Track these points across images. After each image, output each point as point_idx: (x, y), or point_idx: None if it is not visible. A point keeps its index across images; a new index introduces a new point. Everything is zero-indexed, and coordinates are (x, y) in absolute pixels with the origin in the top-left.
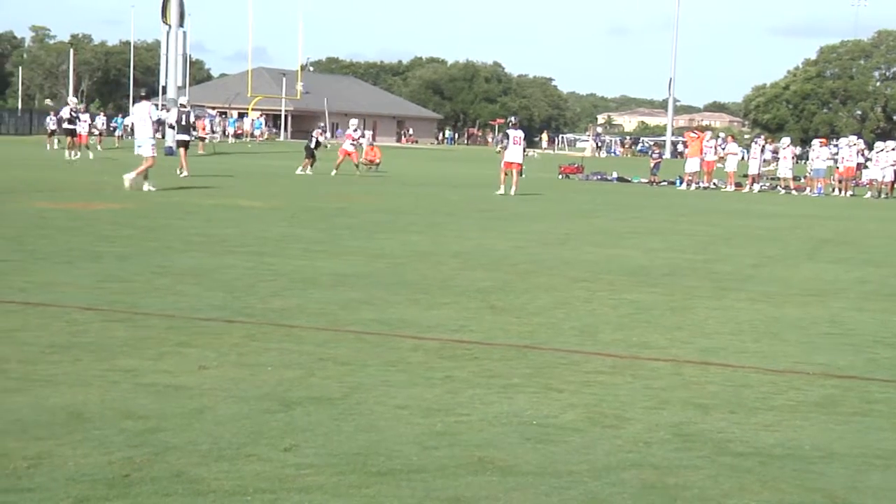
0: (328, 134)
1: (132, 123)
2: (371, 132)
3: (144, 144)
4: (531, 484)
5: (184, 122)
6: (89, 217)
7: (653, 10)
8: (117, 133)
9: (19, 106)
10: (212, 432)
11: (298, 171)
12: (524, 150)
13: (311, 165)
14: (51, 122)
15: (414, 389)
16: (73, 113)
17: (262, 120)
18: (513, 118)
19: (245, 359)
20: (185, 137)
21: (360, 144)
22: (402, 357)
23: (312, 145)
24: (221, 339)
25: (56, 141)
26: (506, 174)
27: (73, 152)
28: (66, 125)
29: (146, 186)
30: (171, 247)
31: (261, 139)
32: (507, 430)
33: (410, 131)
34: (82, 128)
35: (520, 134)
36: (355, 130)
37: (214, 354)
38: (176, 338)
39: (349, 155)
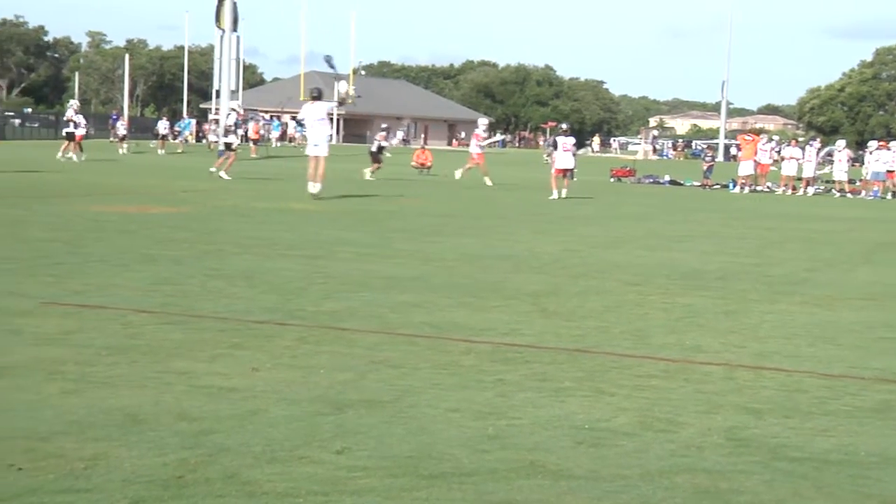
0: (395, 138)
1: (300, 123)
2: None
3: (321, 144)
4: (583, 488)
5: (235, 127)
6: (144, 221)
7: (707, 11)
8: (180, 138)
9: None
10: (265, 434)
11: (368, 177)
12: (575, 156)
13: (377, 170)
14: (121, 127)
15: (465, 393)
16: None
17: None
18: (563, 125)
19: (297, 361)
20: (234, 140)
21: (481, 147)
22: (454, 360)
23: (375, 149)
24: (274, 342)
25: (125, 145)
26: (558, 179)
27: (67, 154)
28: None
29: (318, 190)
30: (224, 250)
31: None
32: (558, 434)
33: (462, 135)
34: (80, 130)
35: (570, 141)
36: (484, 130)
37: (267, 357)
38: (229, 340)
39: (477, 160)
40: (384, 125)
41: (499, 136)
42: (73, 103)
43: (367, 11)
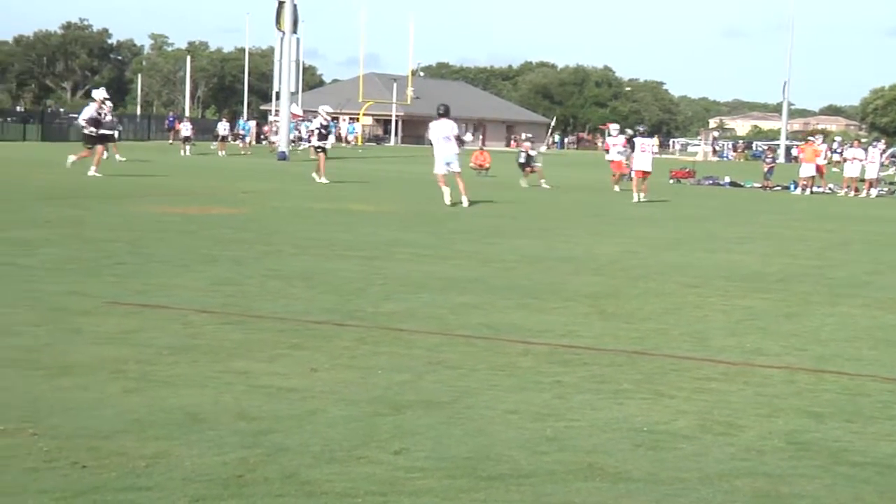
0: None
1: (432, 139)
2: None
3: (453, 162)
4: (641, 491)
5: (325, 131)
6: (205, 221)
7: (768, 11)
8: (247, 140)
9: (138, 112)
10: (323, 434)
11: (523, 185)
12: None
13: (529, 175)
14: (185, 129)
15: (523, 394)
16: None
17: (356, 125)
18: (640, 127)
19: (356, 362)
20: (325, 144)
21: (621, 154)
22: (512, 362)
23: (522, 160)
24: (332, 343)
25: (187, 147)
26: (638, 182)
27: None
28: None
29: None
30: (283, 251)
31: (353, 144)
32: (617, 436)
33: (524, 136)
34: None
35: (650, 142)
36: (618, 134)
37: (326, 357)
38: (288, 340)
39: (621, 168)
40: (527, 134)
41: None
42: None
43: (426, 13)
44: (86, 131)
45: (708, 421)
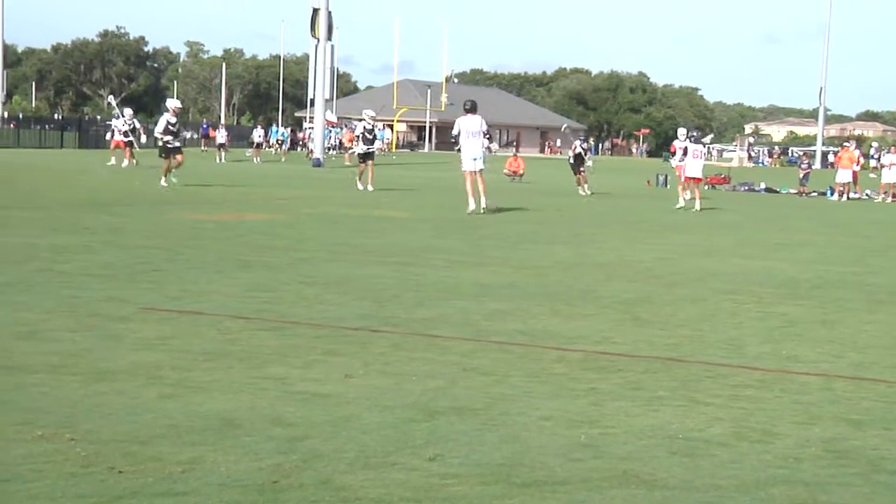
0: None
1: (457, 137)
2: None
3: (479, 158)
4: (677, 498)
5: (370, 135)
6: (240, 228)
7: (804, 17)
8: (284, 147)
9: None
10: (358, 440)
11: (582, 193)
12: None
13: (584, 182)
14: (221, 136)
15: (557, 401)
16: (127, 124)
17: (385, 132)
18: (695, 133)
19: (390, 368)
20: (371, 149)
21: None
22: (546, 368)
23: (572, 161)
24: (367, 349)
25: (223, 154)
26: (689, 187)
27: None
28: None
29: (487, 203)
30: (318, 257)
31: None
32: (652, 444)
33: (559, 143)
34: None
35: (700, 148)
36: (690, 139)
37: (360, 363)
38: (323, 346)
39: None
40: (580, 136)
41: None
42: (128, 112)
43: (460, 20)
44: (160, 143)
45: (744, 428)
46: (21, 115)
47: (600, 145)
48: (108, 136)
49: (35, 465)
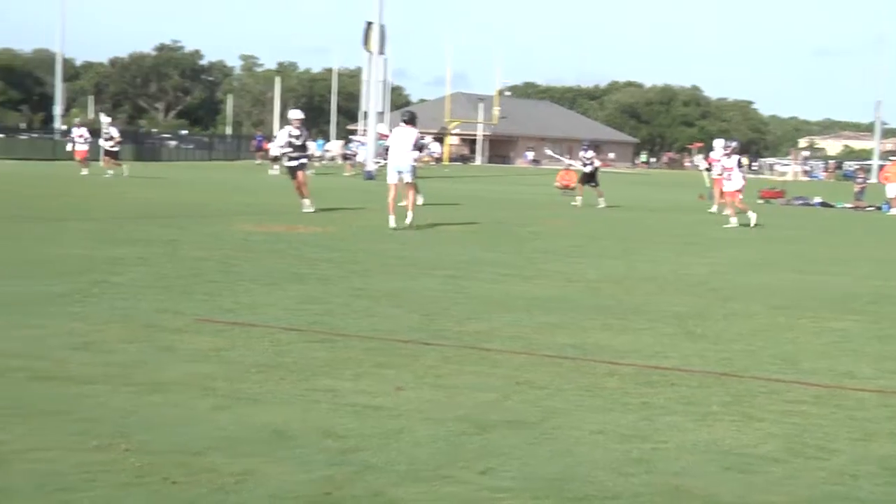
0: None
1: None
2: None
3: (405, 170)
4: None
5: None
6: (293, 240)
7: (860, 30)
8: (350, 161)
9: (229, 132)
10: (409, 453)
11: (602, 205)
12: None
13: (600, 196)
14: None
15: (609, 415)
16: (105, 132)
17: (436, 145)
18: (733, 142)
19: (441, 381)
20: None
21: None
22: (598, 382)
23: (587, 171)
24: (418, 361)
25: (276, 166)
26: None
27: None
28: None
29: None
30: (369, 269)
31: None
32: (704, 459)
33: (612, 156)
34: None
35: (734, 161)
36: (726, 149)
37: (411, 376)
38: (374, 359)
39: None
40: (585, 143)
41: (612, 156)
42: (105, 119)
43: (513, 33)
44: (285, 161)
45: (798, 444)
46: None
47: (651, 160)
48: (69, 146)
49: (90, 474)
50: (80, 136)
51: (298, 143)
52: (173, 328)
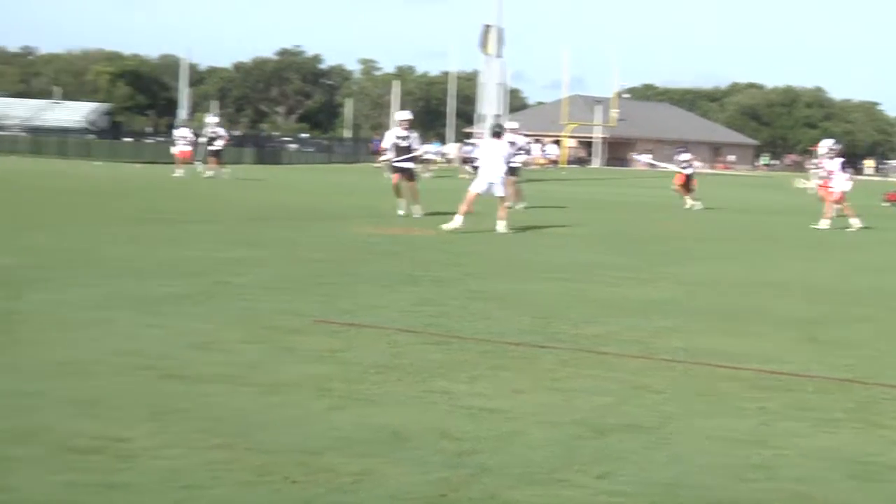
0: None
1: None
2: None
3: (498, 184)
4: None
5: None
6: (408, 242)
7: None
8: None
9: (348, 135)
10: (525, 456)
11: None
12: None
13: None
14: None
15: (727, 420)
16: (211, 133)
17: (549, 147)
18: (837, 144)
19: (557, 384)
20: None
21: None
22: (715, 387)
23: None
24: (534, 365)
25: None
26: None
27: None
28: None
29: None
30: (485, 272)
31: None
32: (826, 466)
33: (733, 158)
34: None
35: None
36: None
37: (527, 379)
38: (490, 361)
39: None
40: (680, 148)
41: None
42: (211, 119)
43: (632, 35)
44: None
45: None
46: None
47: (774, 162)
48: (172, 148)
49: (213, 472)
50: (182, 137)
51: (404, 144)
52: (292, 329)
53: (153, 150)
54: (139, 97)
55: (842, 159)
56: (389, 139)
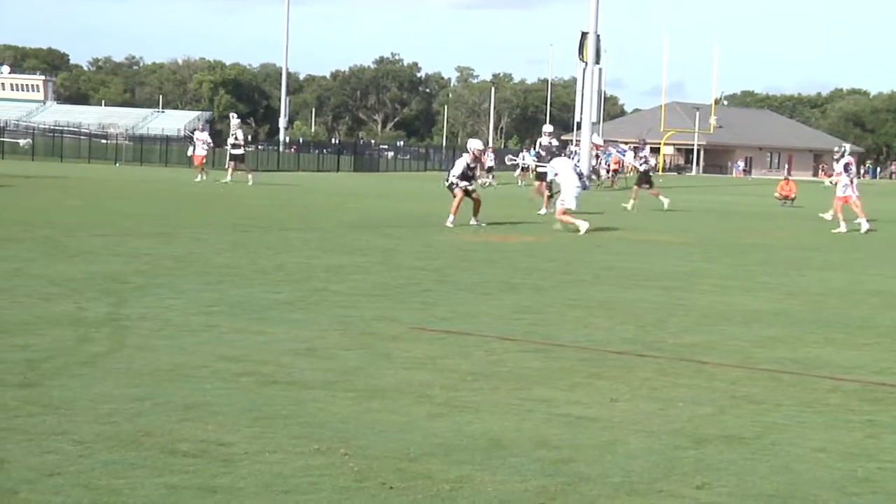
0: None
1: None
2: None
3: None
4: None
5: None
6: (506, 250)
7: None
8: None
9: (444, 142)
10: (623, 465)
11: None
12: None
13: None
14: (488, 159)
15: (832, 432)
16: (235, 139)
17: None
18: (845, 147)
19: (656, 393)
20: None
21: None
22: (819, 398)
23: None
24: (632, 373)
25: (491, 177)
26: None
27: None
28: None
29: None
30: (583, 280)
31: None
32: None
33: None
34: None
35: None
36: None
37: (626, 388)
38: (588, 370)
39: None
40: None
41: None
42: (235, 121)
43: (731, 41)
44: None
45: None
46: (301, 140)
47: (878, 169)
48: (189, 151)
49: (312, 477)
50: (200, 141)
51: (471, 174)
52: (390, 336)
53: (252, 158)
54: (240, 105)
55: (846, 161)
56: (460, 168)
